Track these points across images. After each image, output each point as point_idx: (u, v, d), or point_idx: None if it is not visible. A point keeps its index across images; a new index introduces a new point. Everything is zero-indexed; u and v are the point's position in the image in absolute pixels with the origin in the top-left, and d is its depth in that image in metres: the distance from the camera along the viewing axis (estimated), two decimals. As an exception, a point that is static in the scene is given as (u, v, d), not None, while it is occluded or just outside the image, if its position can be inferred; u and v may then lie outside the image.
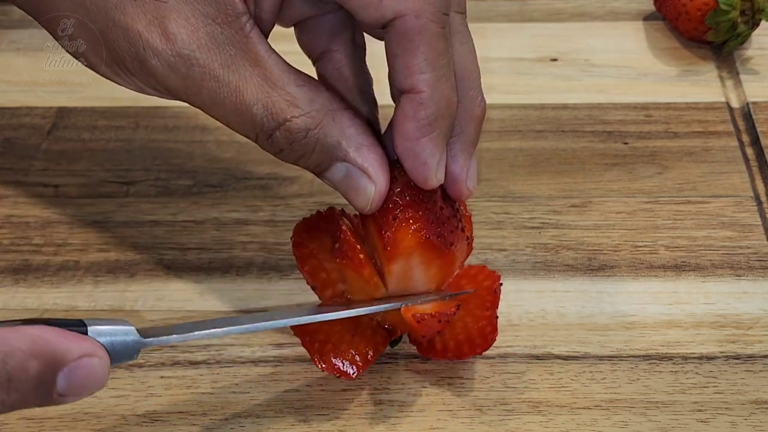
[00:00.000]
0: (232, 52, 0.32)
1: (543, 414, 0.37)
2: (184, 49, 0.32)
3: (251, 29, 0.33)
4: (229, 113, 0.33)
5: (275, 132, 0.33)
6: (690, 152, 0.48)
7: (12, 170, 0.48)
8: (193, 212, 0.45)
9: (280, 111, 0.33)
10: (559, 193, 0.46)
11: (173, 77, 0.32)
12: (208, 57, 0.32)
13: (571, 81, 0.53)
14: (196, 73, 0.32)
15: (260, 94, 0.33)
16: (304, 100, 0.33)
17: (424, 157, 0.34)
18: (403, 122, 0.33)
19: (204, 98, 0.33)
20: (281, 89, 0.33)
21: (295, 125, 0.33)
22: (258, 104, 0.33)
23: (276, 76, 0.33)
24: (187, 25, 0.32)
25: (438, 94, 0.33)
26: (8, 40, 0.56)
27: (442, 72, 0.33)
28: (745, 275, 0.42)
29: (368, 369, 0.37)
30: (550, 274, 0.42)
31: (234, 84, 0.32)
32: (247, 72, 0.32)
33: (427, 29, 0.32)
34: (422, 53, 0.32)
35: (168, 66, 0.32)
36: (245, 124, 0.33)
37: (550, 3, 0.58)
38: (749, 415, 0.37)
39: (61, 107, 0.51)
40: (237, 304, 0.41)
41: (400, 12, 0.32)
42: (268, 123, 0.33)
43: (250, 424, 0.37)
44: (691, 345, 0.39)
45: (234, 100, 0.32)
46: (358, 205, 0.35)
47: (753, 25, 0.53)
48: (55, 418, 0.37)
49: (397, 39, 0.32)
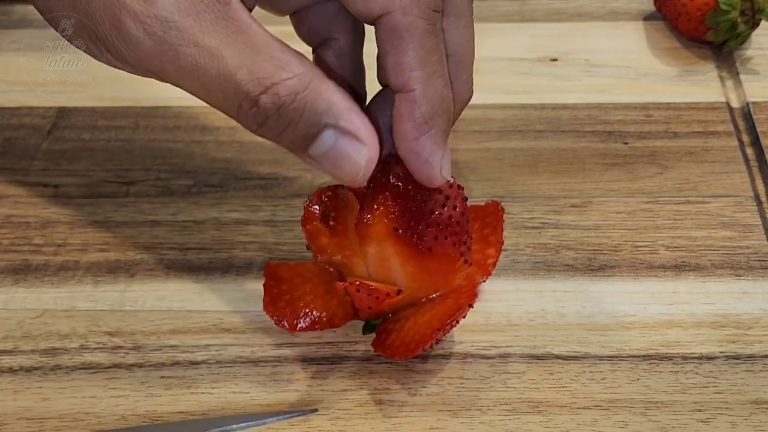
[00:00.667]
0: (213, 20, 0.31)
1: (543, 414, 0.37)
2: (163, 11, 0.30)
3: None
4: (210, 81, 0.31)
5: (261, 97, 0.31)
6: (690, 152, 0.48)
7: (12, 170, 0.48)
8: (193, 212, 0.45)
9: (267, 75, 0.31)
10: (559, 193, 0.46)
11: (148, 42, 0.31)
12: (187, 22, 0.30)
13: (571, 81, 0.53)
14: (173, 38, 0.31)
15: (245, 59, 0.31)
16: (292, 63, 0.31)
17: (425, 155, 0.33)
18: (400, 123, 0.33)
19: (182, 65, 0.31)
20: (266, 53, 0.31)
21: (284, 87, 0.31)
22: (242, 69, 0.31)
23: (260, 42, 0.31)
24: None
25: (431, 91, 0.32)
26: (8, 40, 0.56)
27: (433, 69, 0.32)
28: (745, 275, 0.42)
29: (368, 369, 0.37)
30: (550, 274, 0.42)
31: (216, 49, 0.31)
32: (230, 38, 0.31)
33: (416, 26, 0.32)
34: (412, 50, 0.32)
35: (144, 29, 0.30)
36: (227, 92, 0.31)
37: (550, 3, 0.58)
38: (749, 415, 0.37)
39: (61, 107, 0.51)
40: (237, 305, 0.41)
41: (387, 8, 0.31)
42: (253, 88, 0.31)
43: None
44: (691, 345, 0.39)
45: (215, 65, 0.31)
46: (348, 174, 0.33)
47: (753, 25, 0.52)
48: (55, 419, 0.37)
49: (386, 36, 0.32)
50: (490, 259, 0.39)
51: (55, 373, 0.39)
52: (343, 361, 0.39)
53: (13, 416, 0.37)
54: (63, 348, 0.40)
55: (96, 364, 0.39)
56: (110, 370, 0.39)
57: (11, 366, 0.39)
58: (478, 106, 0.51)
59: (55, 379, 0.39)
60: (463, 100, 0.35)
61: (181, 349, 0.40)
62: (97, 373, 0.39)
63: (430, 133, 0.33)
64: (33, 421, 0.37)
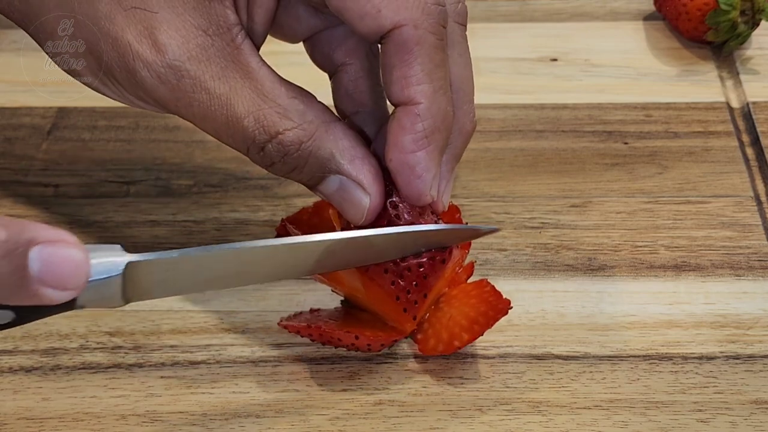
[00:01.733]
0: (223, 64, 0.32)
1: (543, 414, 0.37)
2: (175, 61, 0.31)
3: (243, 41, 0.32)
4: (220, 126, 0.32)
5: (267, 145, 0.33)
6: (690, 152, 0.48)
7: (12, 170, 0.48)
8: (193, 212, 0.45)
9: (272, 124, 0.32)
10: (559, 193, 0.46)
11: (163, 89, 0.32)
12: (199, 69, 0.32)
13: (571, 81, 0.53)
14: (186, 85, 0.32)
15: (251, 107, 0.32)
16: (297, 112, 0.33)
17: (419, 170, 0.33)
18: (399, 134, 0.33)
19: (194, 111, 0.32)
20: (273, 101, 0.32)
21: (288, 138, 0.32)
22: (249, 117, 0.32)
23: (267, 89, 0.32)
24: (178, 36, 0.31)
25: (435, 106, 0.32)
26: (8, 40, 0.56)
27: (439, 84, 0.32)
28: (745, 275, 0.42)
29: (368, 369, 0.37)
30: (550, 274, 0.42)
31: (225, 96, 0.32)
32: (239, 84, 0.32)
33: (426, 40, 0.32)
34: (420, 64, 0.32)
35: (158, 77, 0.32)
36: (236, 137, 0.33)
37: (550, 3, 0.58)
38: (749, 415, 0.37)
39: (61, 107, 0.51)
40: (237, 305, 0.41)
41: (398, 22, 0.31)
42: (259, 136, 0.32)
43: (250, 424, 0.37)
44: (691, 345, 0.39)
45: (225, 112, 0.32)
46: (352, 217, 0.34)
47: (753, 25, 0.53)
48: (55, 419, 0.37)
49: (395, 49, 0.32)
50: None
51: (55, 373, 0.39)
52: (343, 361, 0.39)
53: (13, 416, 0.37)
54: (63, 348, 0.40)
55: (96, 364, 0.39)
56: (110, 370, 0.39)
57: (11, 366, 0.39)
58: (478, 106, 0.50)
59: (55, 379, 0.39)
60: (466, 132, 0.35)
61: (181, 349, 0.40)
62: (97, 373, 0.39)
63: (428, 149, 0.33)
64: (33, 421, 0.37)
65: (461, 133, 0.35)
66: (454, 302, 0.37)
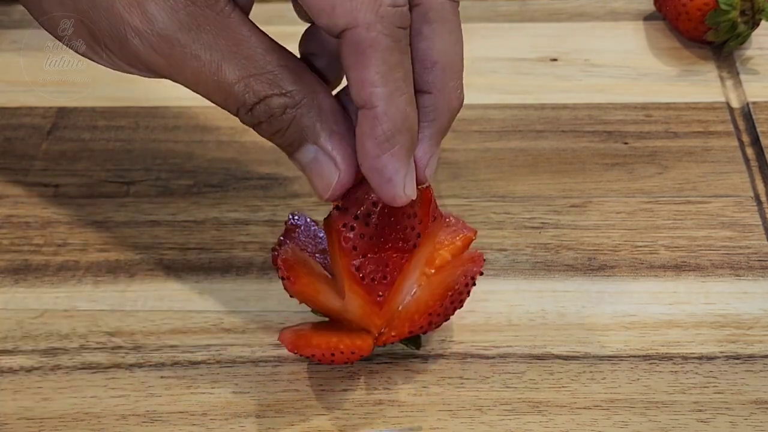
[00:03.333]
0: (214, 32, 0.32)
1: (543, 414, 0.37)
2: (165, 30, 0.32)
3: (232, 10, 0.32)
4: (212, 90, 0.33)
5: (256, 106, 0.33)
6: (690, 152, 0.48)
7: (12, 170, 0.48)
8: (193, 212, 0.45)
9: (262, 89, 0.33)
10: (559, 193, 0.46)
11: (155, 56, 0.33)
12: (189, 37, 0.32)
13: (571, 81, 0.53)
14: (177, 53, 0.32)
15: (242, 73, 0.33)
16: (286, 79, 0.33)
17: (388, 174, 0.33)
18: (362, 140, 0.33)
19: (187, 76, 0.33)
20: (263, 68, 0.33)
21: (275, 102, 0.33)
22: (240, 83, 0.33)
23: (258, 56, 0.33)
24: (166, 6, 0.32)
25: (393, 109, 0.32)
26: (8, 40, 0.56)
27: (395, 86, 0.32)
28: (745, 275, 0.42)
29: (368, 369, 0.37)
30: (550, 274, 0.42)
31: (216, 63, 0.32)
32: (230, 50, 0.32)
33: (379, 42, 0.31)
34: (374, 66, 0.32)
35: (150, 46, 0.32)
36: (227, 99, 0.33)
37: (550, 3, 0.58)
38: (749, 415, 0.37)
39: (61, 107, 0.51)
40: (237, 305, 0.41)
41: (350, 23, 0.31)
42: (249, 99, 0.33)
43: (250, 424, 0.37)
44: (691, 345, 0.39)
45: (216, 78, 0.33)
46: (318, 190, 0.35)
47: (753, 25, 0.52)
48: (55, 419, 0.37)
49: (349, 51, 0.32)
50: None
51: (55, 373, 0.39)
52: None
53: (13, 416, 0.37)
54: (63, 348, 0.40)
55: (96, 364, 0.39)
56: (110, 370, 0.39)
57: (11, 366, 0.39)
58: (478, 106, 0.51)
59: (55, 379, 0.39)
60: (453, 108, 0.35)
61: (181, 349, 0.40)
62: (97, 373, 0.39)
63: (392, 151, 0.33)
64: (33, 421, 0.37)
65: (448, 109, 0.35)
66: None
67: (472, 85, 0.52)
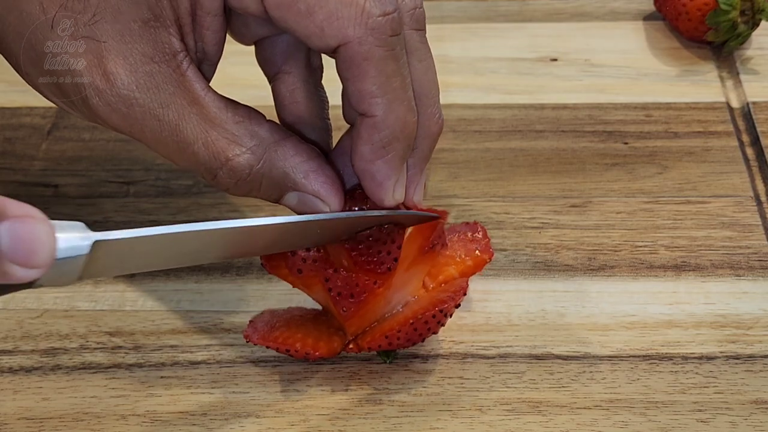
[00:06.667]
0: (171, 91, 0.32)
1: (543, 414, 0.37)
2: (124, 90, 0.32)
3: (188, 67, 0.32)
4: (173, 152, 0.33)
5: (219, 171, 0.33)
6: (690, 152, 0.48)
7: (12, 170, 0.48)
8: (193, 212, 0.45)
9: (221, 149, 0.33)
10: (559, 193, 0.46)
11: (115, 116, 0.33)
12: (147, 97, 0.32)
13: (571, 81, 0.53)
14: (137, 113, 0.32)
15: (200, 133, 0.33)
16: (244, 136, 0.33)
17: (380, 178, 0.34)
18: (359, 144, 0.33)
19: (147, 136, 0.33)
20: (220, 126, 0.33)
21: (238, 163, 0.33)
22: (198, 143, 0.33)
23: (213, 114, 0.33)
24: (126, 65, 0.32)
25: (392, 116, 0.33)
26: (8, 40, 0.56)
27: (394, 94, 0.33)
28: (745, 275, 0.42)
29: (368, 369, 0.37)
30: (550, 274, 0.42)
31: (174, 123, 0.32)
32: (185, 111, 0.32)
33: (373, 54, 0.32)
34: (372, 78, 0.32)
35: (109, 106, 0.32)
36: (189, 162, 0.33)
37: (550, 3, 0.58)
38: (749, 415, 0.37)
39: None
40: (237, 304, 0.41)
41: (342, 40, 0.31)
42: (210, 162, 0.33)
43: (250, 424, 0.37)
44: (691, 345, 0.39)
45: (175, 139, 0.33)
46: None
47: (753, 25, 0.53)
48: (55, 419, 0.37)
49: (344, 65, 0.32)
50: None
51: (55, 373, 0.39)
52: (343, 361, 0.39)
53: (13, 416, 0.37)
54: (63, 348, 0.40)
55: (96, 364, 0.39)
56: (110, 370, 0.39)
57: (11, 366, 0.39)
58: (478, 106, 0.51)
59: (55, 379, 0.39)
60: (433, 134, 0.35)
61: (181, 349, 0.40)
62: (97, 373, 0.39)
63: (387, 158, 0.33)
64: (33, 421, 0.37)
65: (427, 136, 0.35)
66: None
67: (472, 85, 0.53)
